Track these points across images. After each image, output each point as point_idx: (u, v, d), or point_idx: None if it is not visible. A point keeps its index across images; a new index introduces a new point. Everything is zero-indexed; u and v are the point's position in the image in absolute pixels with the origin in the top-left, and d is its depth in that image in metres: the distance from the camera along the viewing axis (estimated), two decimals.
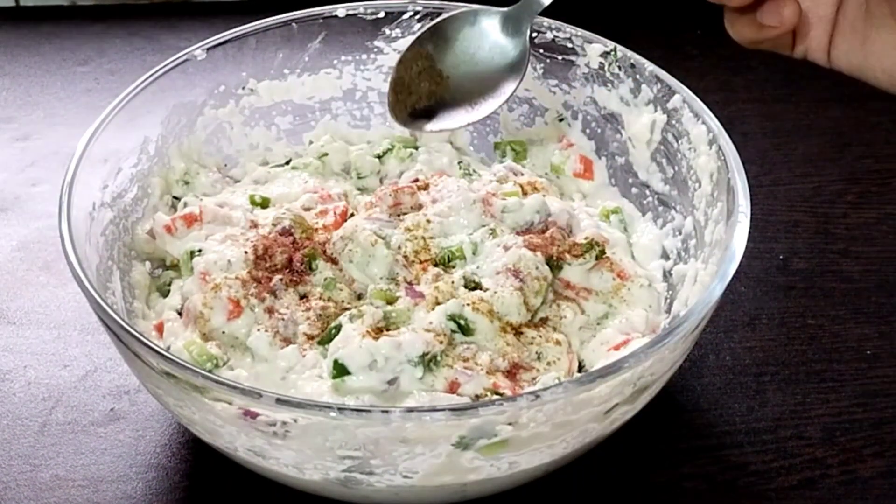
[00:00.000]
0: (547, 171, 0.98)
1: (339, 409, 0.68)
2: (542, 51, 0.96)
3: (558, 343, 0.81)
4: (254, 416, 0.69)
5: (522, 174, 0.94)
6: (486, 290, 0.82)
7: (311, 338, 0.81)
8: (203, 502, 0.82)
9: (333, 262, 0.85)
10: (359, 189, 0.95)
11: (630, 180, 0.95)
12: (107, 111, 0.87)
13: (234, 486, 0.82)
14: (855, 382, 0.90)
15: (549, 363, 0.80)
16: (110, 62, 1.23)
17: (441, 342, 0.78)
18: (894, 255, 1.01)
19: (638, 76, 0.92)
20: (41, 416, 0.87)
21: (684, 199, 0.89)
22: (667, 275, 0.89)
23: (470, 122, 0.86)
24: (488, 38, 0.86)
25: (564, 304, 0.84)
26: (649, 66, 0.91)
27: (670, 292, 0.87)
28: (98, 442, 0.85)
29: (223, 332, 0.81)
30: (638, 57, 0.92)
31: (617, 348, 0.82)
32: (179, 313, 0.84)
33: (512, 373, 0.79)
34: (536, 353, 0.81)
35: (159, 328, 0.84)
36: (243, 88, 0.97)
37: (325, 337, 0.80)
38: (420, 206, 0.89)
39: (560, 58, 0.96)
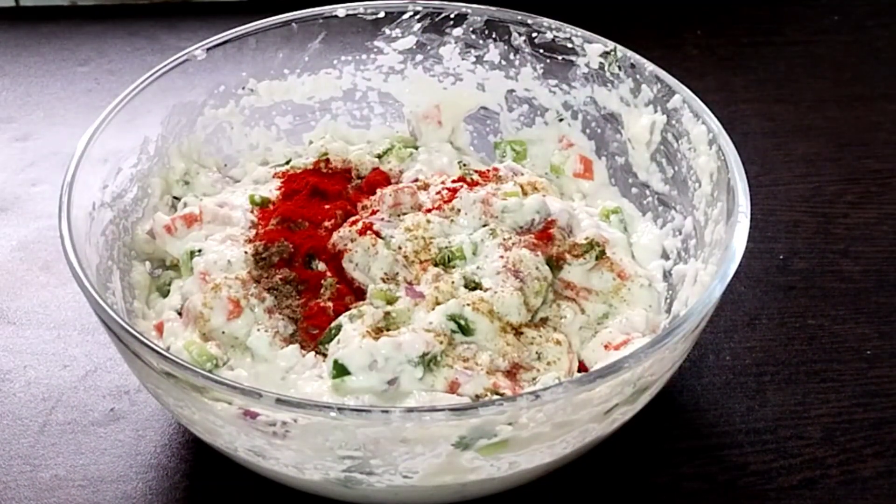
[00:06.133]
0: (547, 171, 0.98)
1: (339, 409, 0.68)
2: (542, 51, 0.96)
3: (558, 343, 0.81)
4: (254, 416, 0.69)
5: (522, 174, 0.94)
6: (487, 290, 0.82)
7: (311, 337, 0.81)
8: (203, 502, 0.82)
9: (333, 261, 0.85)
10: (359, 189, 0.95)
11: (630, 180, 0.95)
12: (107, 111, 0.87)
13: (234, 486, 0.82)
14: (855, 382, 0.90)
15: (549, 363, 0.80)
16: (110, 62, 1.23)
17: (441, 342, 0.78)
18: (894, 255, 1.01)
19: (638, 76, 0.92)
20: (41, 416, 0.87)
21: (684, 199, 0.89)
22: (667, 275, 0.89)
23: None
24: None
25: (564, 304, 0.84)
26: (649, 66, 0.91)
27: (670, 292, 0.87)
28: (98, 442, 0.85)
29: (223, 332, 0.81)
30: (638, 57, 0.92)
31: (617, 348, 0.82)
32: (179, 313, 0.84)
33: (512, 373, 0.79)
34: (536, 353, 0.81)
35: (159, 328, 0.84)
36: (243, 88, 0.97)
37: (325, 337, 0.80)
38: (420, 206, 0.89)
39: (560, 58, 0.96)
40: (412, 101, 1.00)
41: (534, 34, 0.96)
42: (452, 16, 0.97)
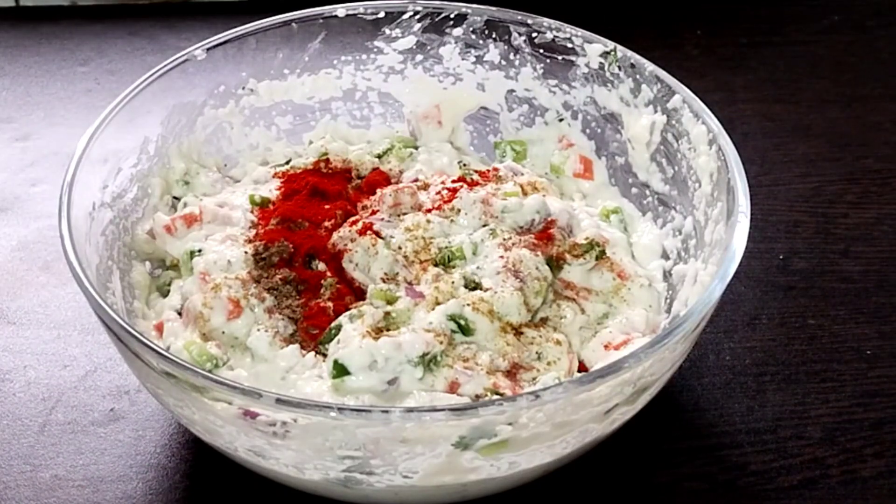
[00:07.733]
0: (547, 171, 0.98)
1: (339, 409, 0.68)
2: (542, 51, 0.96)
3: (558, 343, 0.81)
4: (254, 416, 0.69)
5: (522, 174, 0.94)
6: (487, 290, 0.82)
7: (311, 337, 0.81)
8: (203, 502, 0.82)
9: (333, 261, 0.85)
10: (359, 189, 0.95)
11: (630, 180, 0.95)
12: (107, 111, 0.87)
13: (234, 486, 0.82)
14: (855, 382, 0.90)
15: (549, 363, 0.80)
16: (110, 62, 1.23)
17: (441, 342, 0.78)
18: (894, 255, 1.01)
19: (638, 76, 0.92)
20: (41, 416, 0.87)
21: (684, 199, 0.89)
22: (667, 275, 0.89)
23: None
24: None
25: (564, 304, 0.84)
26: (649, 66, 0.91)
27: (670, 292, 0.87)
28: (98, 442, 0.85)
29: (223, 332, 0.81)
30: (638, 57, 0.92)
31: (617, 348, 0.82)
32: (179, 313, 0.84)
33: (512, 373, 0.79)
34: (536, 353, 0.81)
35: (159, 328, 0.84)
36: (243, 88, 0.97)
37: (325, 337, 0.80)
38: (420, 206, 0.89)
39: (560, 58, 0.96)
40: (412, 101, 1.00)
41: (534, 34, 0.96)
42: (452, 16, 0.97)
